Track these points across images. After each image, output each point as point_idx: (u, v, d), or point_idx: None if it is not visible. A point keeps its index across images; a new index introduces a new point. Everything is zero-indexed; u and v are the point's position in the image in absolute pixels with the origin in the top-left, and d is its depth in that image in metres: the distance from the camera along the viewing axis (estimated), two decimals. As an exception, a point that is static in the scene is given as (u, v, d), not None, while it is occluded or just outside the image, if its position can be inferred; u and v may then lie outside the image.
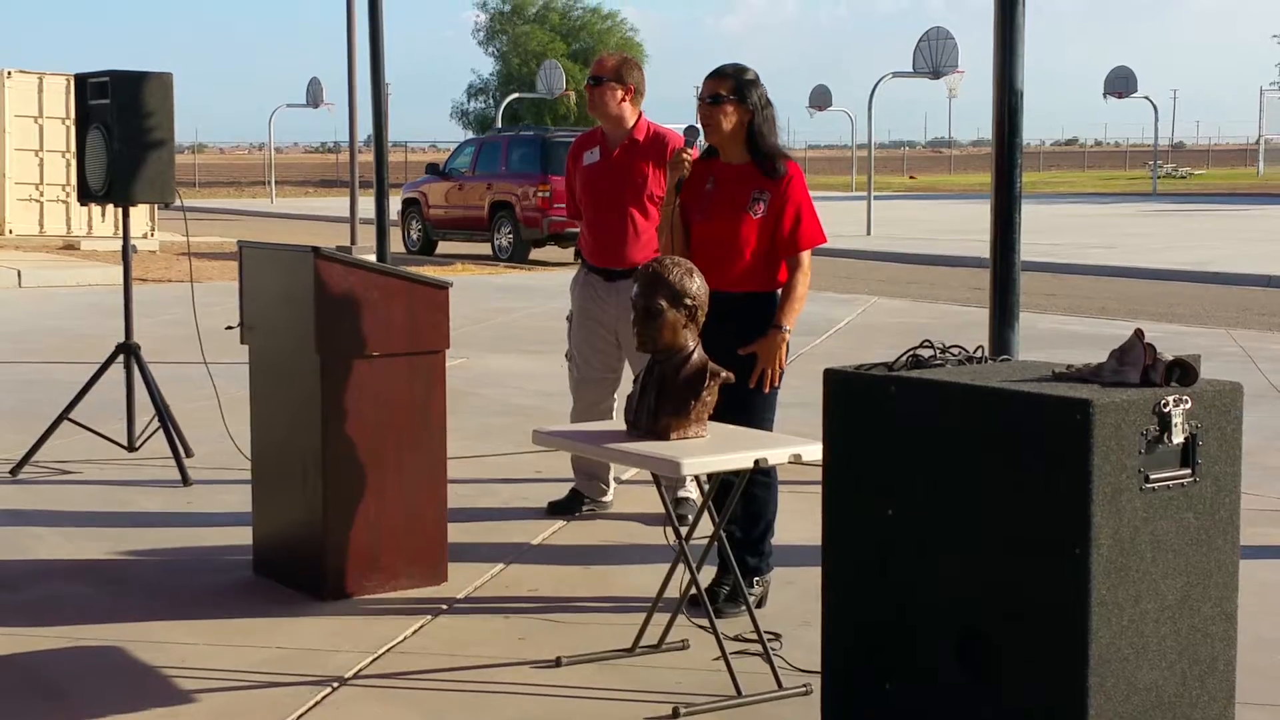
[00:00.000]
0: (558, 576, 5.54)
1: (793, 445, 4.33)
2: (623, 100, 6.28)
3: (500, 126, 37.90)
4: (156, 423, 7.22)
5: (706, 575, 4.89)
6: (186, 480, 6.92)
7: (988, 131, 6.07)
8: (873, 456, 3.72)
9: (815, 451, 4.06)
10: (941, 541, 3.56)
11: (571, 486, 6.53)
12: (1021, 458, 3.37)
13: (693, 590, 4.56)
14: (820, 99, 48.71)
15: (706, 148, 5.20)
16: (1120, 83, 46.82)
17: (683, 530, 4.64)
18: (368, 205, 12.87)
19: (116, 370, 7.47)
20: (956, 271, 21.14)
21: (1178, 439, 3.39)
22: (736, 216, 5.06)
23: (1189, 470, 3.43)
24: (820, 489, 3.86)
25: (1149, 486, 3.35)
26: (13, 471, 7.12)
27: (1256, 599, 4.84)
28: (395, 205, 24.57)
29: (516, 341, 12.32)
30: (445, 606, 5.16)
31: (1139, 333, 3.54)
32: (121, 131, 7.08)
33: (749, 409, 4.95)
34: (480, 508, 6.55)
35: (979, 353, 3.90)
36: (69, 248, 22.60)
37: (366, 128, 14.12)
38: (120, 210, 7.39)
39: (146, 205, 9.36)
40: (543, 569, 5.65)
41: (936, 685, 3.59)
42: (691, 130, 5.23)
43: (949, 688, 3.56)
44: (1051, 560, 3.31)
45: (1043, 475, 3.32)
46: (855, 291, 17.44)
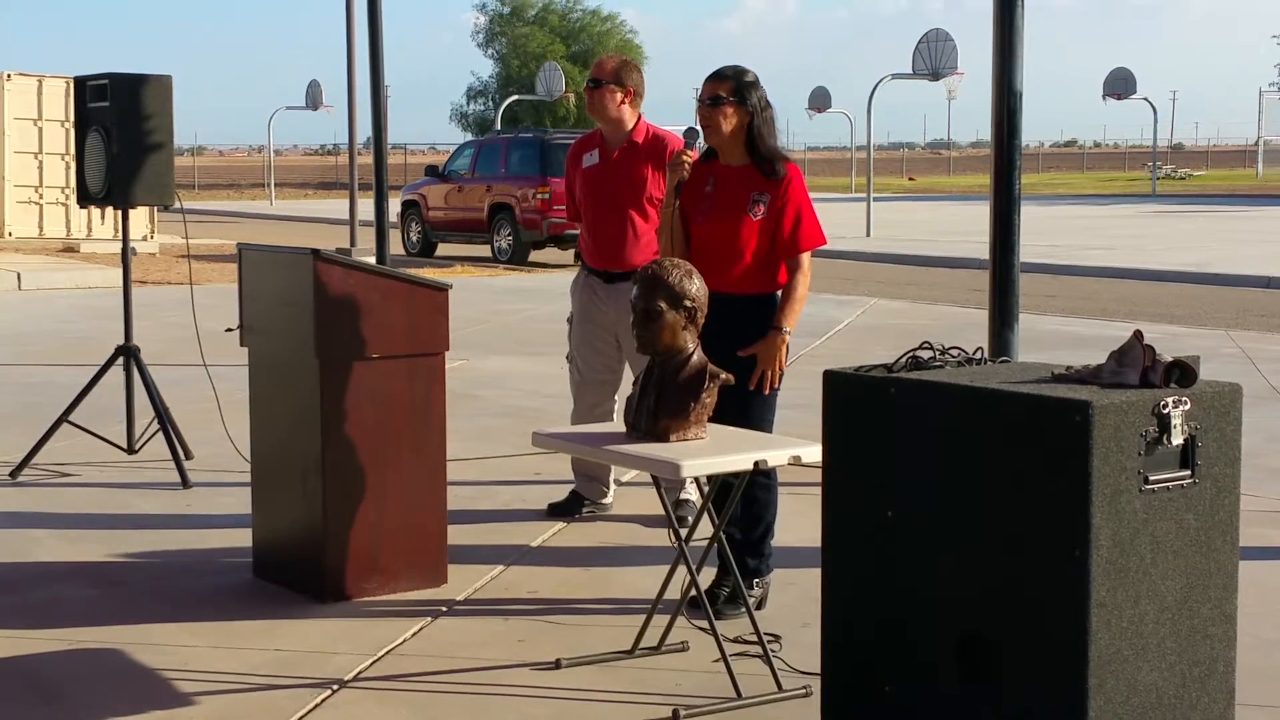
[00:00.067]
0: (558, 578, 5.54)
1: (793, 447, 4.33)
2: (622, 103, 6.28)
3: (499, 128, 37.91)
4: (156, 425, 7.22)
5: (706, 577, 4.88)
6: (186, 482, 6.92)
7: (987, 133, 6.07)
8: (872, 458, 3.72)
9: (815, 453, 4.06)
10: (941, 543, 3.56)
11: (571, 488, 6.53)
12: (1021, 459, 3.37)
13: (692, 592, 4.56)
14: (819, 101, 48.77)
15: (706, 149, 5.20)
16: (1119, 84, 46.86)
17: (683, 532, 4.64)
18: (367, 207, 12.87)
19: (116, 373, 7.47)
20: (956, 273, 21.14)
21: (1177, 440, 3.39)
22: (736, 218, 5.06)
23: (1188, 471, 3.43)
24: (820, 491, 3.86)
25: (1148, 488, 3.35)
26: (12, 474, 7.12)
27: (1256, 600, 4.84)
28: (395, 207, 24.62)
29: (516, 343, 12.32)
30: (445, 609, 5.16)
31: (1138, 334, 3.55)
32: (121, 134, 7.08)
33: (749, 411, 4.95)
34: (480, 509, 6.55)
35: (978, 354, 3.91)
36: (68, 250, 22.61)
37: (366, 130, 14.11)
38: (120, 213, 7.38)
39: (146, 208, 9.32)
40: (542, 571, 5.65)
41: (936, 687, 3.59)
42: (691, 132, 5.23)
43: (949, 689, 3.56)
44: (1051, 561, 3.31)
45: (1042, 476, 3.32)
46: (855, 293, 17.44)
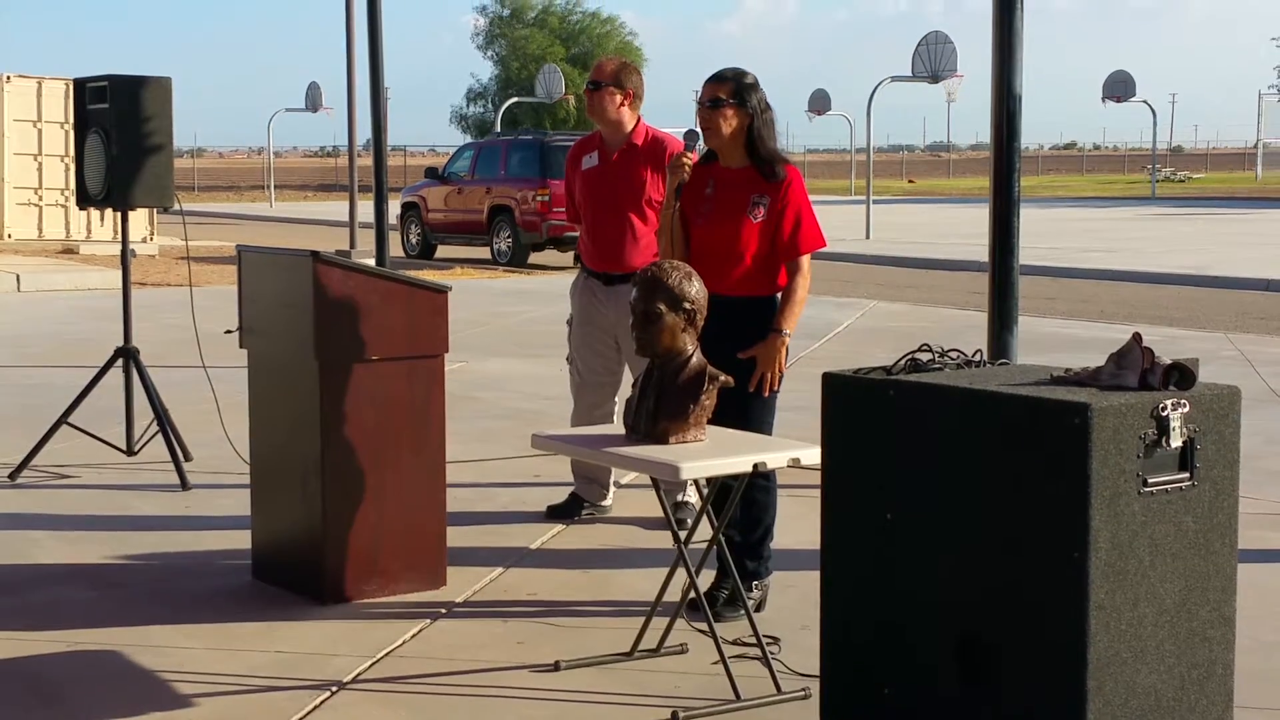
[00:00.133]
0: (557, 580, 5.55)
1: (792, 449, 4.33)
2: (621, 105, 6.28)
3: (499, 130, 37.90)
4: (155, 427, 7.22)
5: (705, 579, 4.88)
6: (185, 484, 6.92)
7: (986, 136, 6.07)
8: (872, 460, 3.72)
9: (814, 455, 4.06)
10: (940, 545, 3.56)
11: (571, 490, 6.53)
12: (1020, 461, 3.37)
13: (692, 594, 4.56)
14: (819, 103, 48.77)
15: (706, 152, 5.21)
16: (1119, 87, 46.88)
17: (682, 534, 4.64)
18: (367, 209, 12.86)
19: (115, 374, 7.48)
20: (955, 275, 21.14)
21: (1176, 443, 3.39)
22: (736, 221, 5.06)
23: (1187, 474, 3.43)
24: (819, 493, 3.86)
25: (1147, 490, 3.35)
26: (11, 476, 7.12)
27: (1255, 603, 4.84)
28: (394, 209, 24.63)
29: (515, 345, 12.32)
30: (444, 610, 5.16)
31: (1137, 336, 3.55)
32: (120, 136, 7.08)
33: (748, 413, 4.95)
34: (479, 511, 6.55)
35: (978, 356, 3.91)
36: (68, 252, 22.62)
37: (365, 132, 14.10)
38: (119, 214, 7.39)
39: (145, 209, 9.32)
40: (542, 573, 5.65)
41: (935, 689, 3.59)
42: (691, 134, 5.23)
43: (948, 691, 3.56)
44: (1050, 563, 3.31)
45: (1041, 479, 3.32)
46: (854, 295, 17.44)
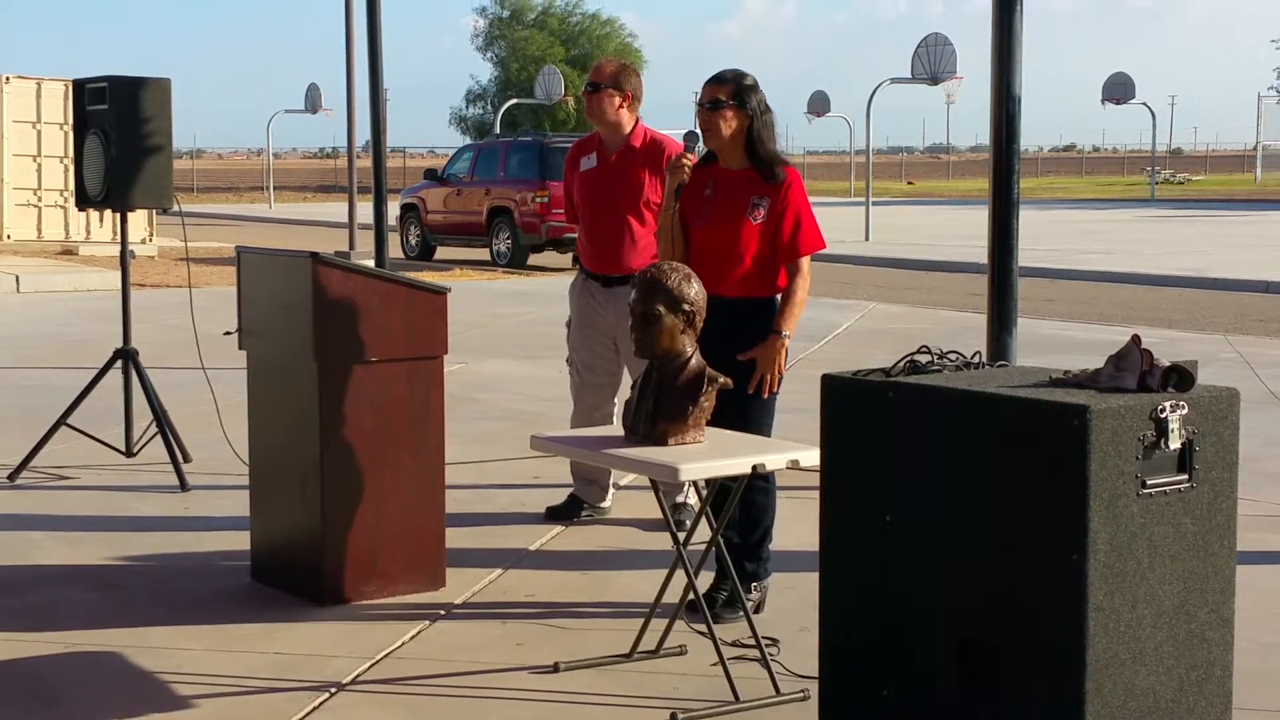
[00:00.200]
0: (556, 582, 5.55)
1: (791, 451, 4.33)
2: (620, 106, 6.28)
3: (499, 132, 37.89)
4: (154, 428, 7.22)
5: (704, 581, 4.89)
6: (184, 486, 6.92)
7: (986, 137, 6.07)
8: (871, 462, 3.72)
9: (813, 457, 4.06)
10: (939, 547, 3.56)
11: (570, 491, 6.53)
12: (1019, 463, 3.37)
13: (691, 596, 4.56)
14: (818, 105, 48.75)
15: (705, 153, 5.20)
16: (1118, 89, 46.90)
17: (681, 535, 4.64)
18: (366, 211, 12.88)
19: (114, 376, 7.48)
20: (955, 277, 21.15)
21: (1175, 444, 3.39)
22: (736, 222, 5.06)
23: (1186, 476, 3.44)
24: (818, 494, 3.86)
25: (1146, 492, 3.35)
26: (11, 477, 7.12)
27: (1254, 604, 4.84)
28: (394, 211, 24.64)
29: (515, 347, 12.32)
30: (443, 612, 5.16)
31: (1136, 338, 3.55)
32: (119, 137, 7.08)
33: (747, 414, 4.95)
34: (478, 513, 6.55)
35: (976, 358, 3.91)
36: (67, 253, 22.63)
37: (365, 133, 14.11)
38: (118, 215, 7.39)
39: (144, 210, 9.33)
40: (541, 574, 5.65)
41: (935, 691, 3.59)
42: (691, 135, 5.23)
43: (947, 693, 3.56)
44: (1049, 565, 3.31)
45: (1040, 481, 3.32)
46: (853, 297, 17.44)
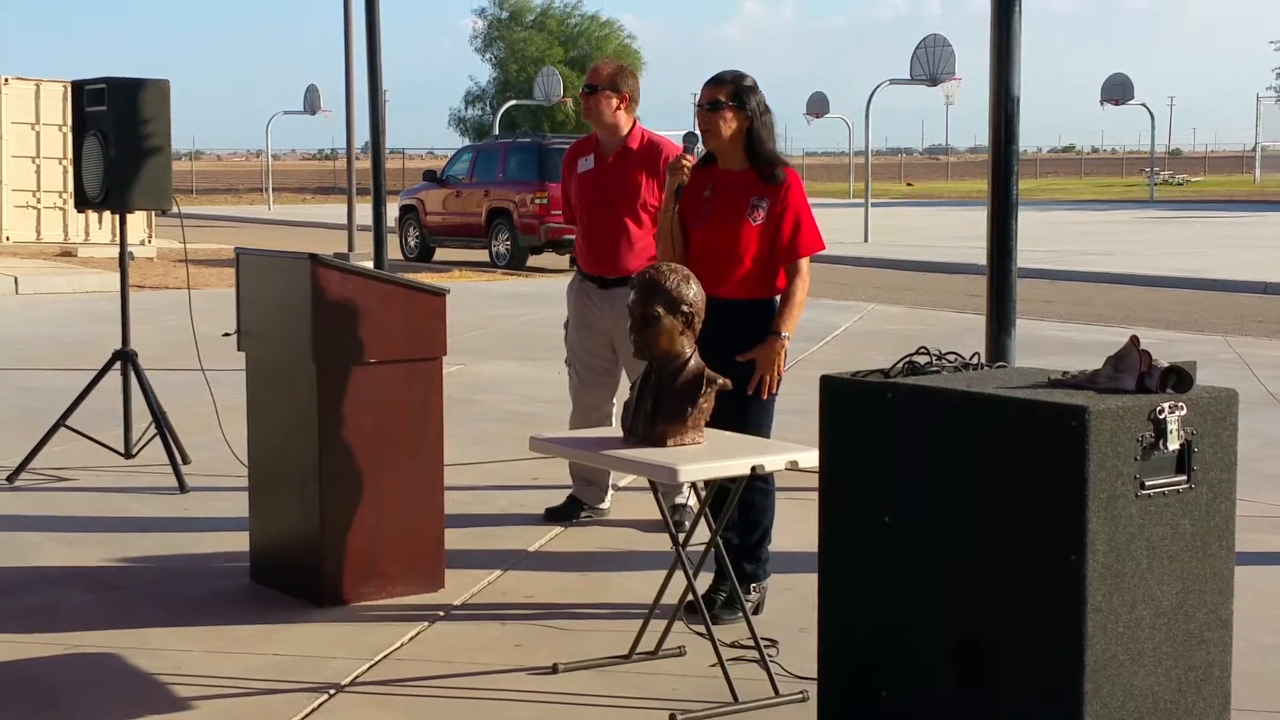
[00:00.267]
0: (555, 583, 5.55)
1: (790, 452, 4.34)
2: (618, 108, 6.28)
3: (497, 133, 37.90)
4: (153, 430, 7.22)
5: (703, 582, 4.89)
6: (183, 487, 6.92)
7: (985, 138, 6.08)
8: (869, 463, 3.73)
9: (812, 458, 4.06)
10: (938, 548, 3.56)
11: (569, 493, 6.53)
12: (1017, 464, 3.37)
13: (690, 597, 4.56)
14: (817, 106, 48.69)
15: (704, 154, 5.20)
16: (1117, 90, 46.89)
17: (680, 536, 4.65)
18: (365, 212, 12.90)
19: (113, 377, 7.48)
20: (953, 278, 21.15)
21: (1173, 445, 3.39)
22: (735, 223, 5.06)
23: (1184, 477, 3.44)
24: (817, 496, 3.86)
25: (1144, 493, 3.35)
26: (10, 478, 7.11)
27: (1252, 605, 4.84)
28: (393, 212, 24.65)
29: (513, 348, 12.32)
30: (442, 613, 5.16)
31: (1135, 339, 3.55)
32: (118, 138, 7.08)
33: (746, 416, 4.95)
34: (477, 514, 6.55)
35: (975, 359, 3.91)
36: (66, 254, 22.62)
37: (364, 134, 14.13)
38: (117, 217, 7.39)
39: (143, 212, 9.33)
40: (540, 576, 5.65)
41: (933, 692, 3.59)
42: (690, 136, 5.23)
43: (946, 695, 3.56)
44: (1047, 567, 3.31)
45: (1038, 482, 3.32)
46: (852, 298, 17.44)
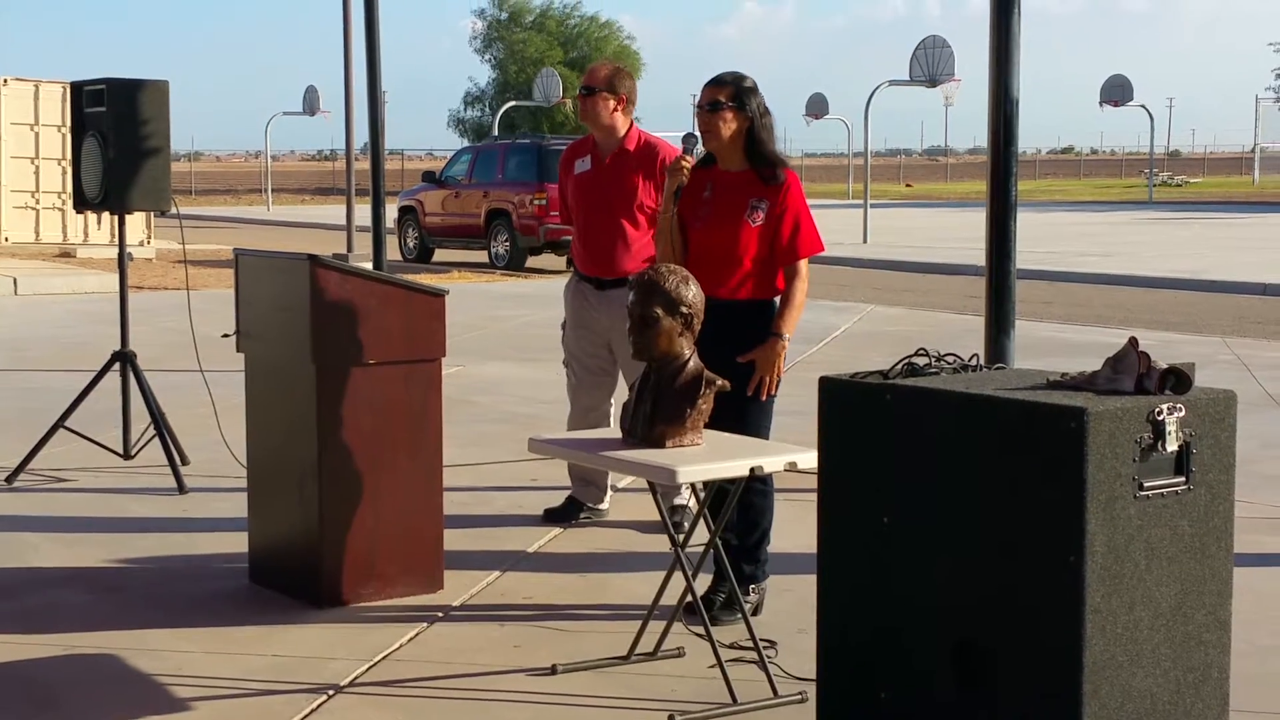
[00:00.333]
0: (554, 584, 5.54)
1: (789, 453, 4.33)
2: (614, 110, 6.27)
3: (497, 134, 37.90)
4: (152, 430, 7.22)
5: (702, 583, 4.89)
6: (182, 488, 6.92)
7: (984, 140, 6.08)
8: (868, 464, 3.73)
9: (811, 459, 4.06)
10: (937, 549, 3.56)
11: (568, 494, 6.52)
12: (1016, 466, 3.37)
13: (689, 598, 4.56)
14: (817, 107, 48.75)
15: (704, 155, 5.20)
16: (1116, 91, 46.89)
17: (679, 538, 4.65)
18: (364, 213, 12.91)
19: (112, 378, 7.47)
20: (952, 279, 21.15)
21: (1172, 447, 3.39)
22: (734, 224, 5.06)
23: (1183, 478, 3.44)
24: (816, 497, 3.87)
25: (1143, 494, 3.35)
26: (8, 479, 7.11)
27: (1251, 606, 4.84)
28: (392, 213, 24.65)
29: (513, 349, 12.32)
30: (441, 614, 5.16)
31: (1133, 341, 3.55)
32: (117, 139, 7.08)
33: (745, 417, 4.95)
34: (476, 515, 6.55)
35: (974, 361, 3.91)
36: (65, 255, 22.61)
37: (363, 135, 14.13)
38: (116, 218, 7.39)
39: (142, 213, 9.36)
40: (539, 576, 5.65)
41: (932, 693, 3.59)
42: (690, 137, 5.23)
43: (945, 696, 3.56)
44: (1046, 568, 3.31)
45: (1037, 483, 3.33)
46: (851, 299, 17.44)
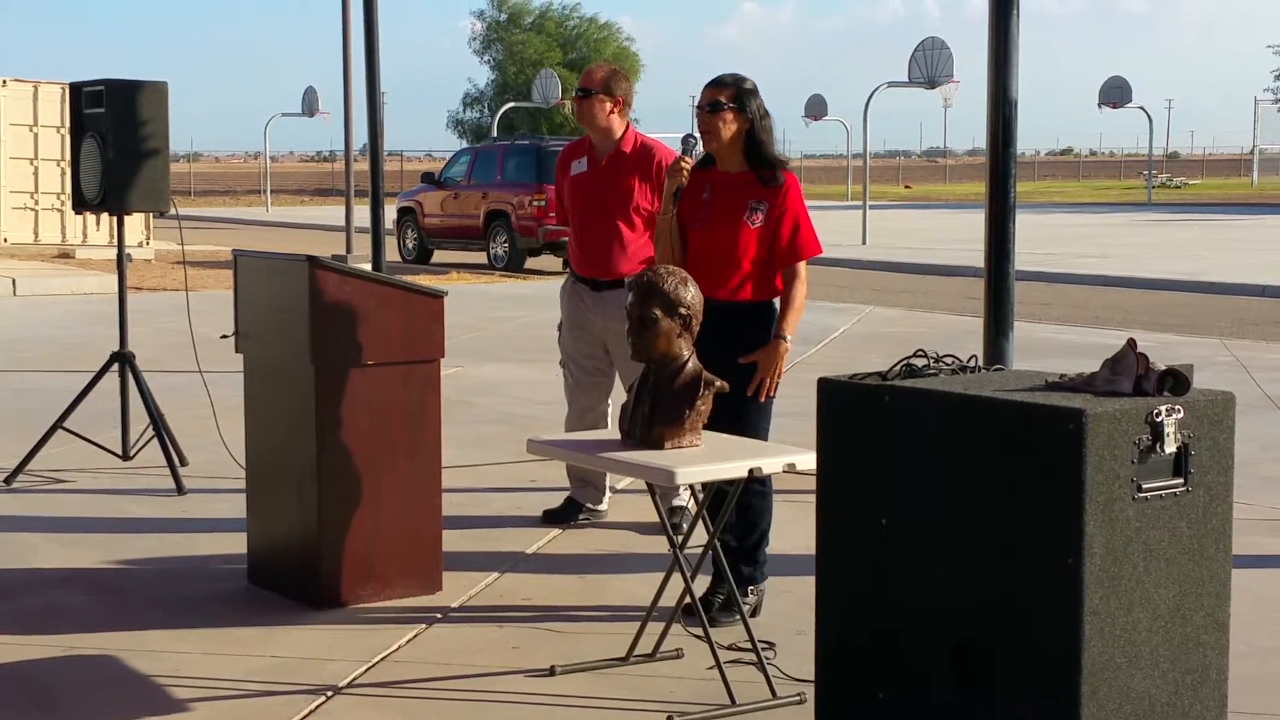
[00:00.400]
0: (552, 585, 5.55)
1: (787, 454, 4.34)
2: (611, 112, 6.27)
3: (495, 136, 37.90)
4: (151, 431, 7.22)
5: (701, 584, 4.89)
6: (181, 489, 6.92)
7: (983, 141, 6.08)
8: (867, 466, 3.73)
9: (810, 461, 4.07)
10: (935, 550, 3.56)
11: (567, 495, 6.53)
12: (1015, 467, 3.37)
13: (687, 599, 4.56)
14: (816, 108, 48.75)
15: (703, 156, 5.20)
16: (1115, 93, 46.89)
17: (677, 539, 4.65)
18: (363, 214, 12.91)
19: (111, 379, 7.47)
20: (951, 281, 21.16)
21: (1170, 448, 3.40)
22: (734, 226, 5.06)
23: (1181, 480, 3.44)
24: (814, 498, 3.87)
25: (1142, 496, 3.35)
26: (7, 480, 7.11)
27: (1249, 608, 4.85)
28: (391, 214, 24.63)
29: (511, 350, 12.32)
30: (440, 615, 5.16)
31: (1132, 342, 3.55)
32: (116, 140, 7.08)
33: (744, 418, 4.95)
34: (475, 516, 6.54)
35: (973, 362, 3.91)
36: (64, 256, 22.61)
37: (362, 136, 14.13)
38: (115, 219, 7.39)
39: (141, 214, 9.36)
40: (537, 578, 5.65)
41: (931, 694, 3.59)
42: (689, 138, 5.23)
43: (943, 697, 3.56)
44: (1044, 569, 3.31)
45: (1036, 484, 3.33)
46: (850, 300, 17.44)
